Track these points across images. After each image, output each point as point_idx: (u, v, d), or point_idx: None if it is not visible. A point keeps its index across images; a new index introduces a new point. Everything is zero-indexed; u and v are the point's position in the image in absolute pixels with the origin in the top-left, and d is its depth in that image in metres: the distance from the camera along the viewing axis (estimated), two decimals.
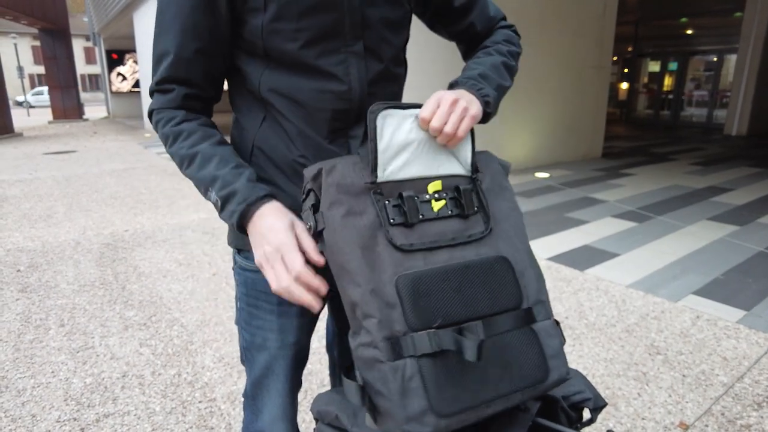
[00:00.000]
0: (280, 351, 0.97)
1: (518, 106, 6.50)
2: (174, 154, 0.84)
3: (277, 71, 0.83)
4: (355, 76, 0.85)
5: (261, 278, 0.94)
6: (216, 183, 0.79)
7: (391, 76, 0.92)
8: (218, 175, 0.80)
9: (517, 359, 0.74)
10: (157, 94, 0.86)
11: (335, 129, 0.86)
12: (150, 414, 1.86)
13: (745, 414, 1.83)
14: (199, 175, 0.81)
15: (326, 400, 0.88)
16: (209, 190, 0.80)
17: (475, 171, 0.83)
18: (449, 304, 0.72)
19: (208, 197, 0.81)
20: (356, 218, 0.73)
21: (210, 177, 0.80)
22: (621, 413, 1.85)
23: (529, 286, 0.79)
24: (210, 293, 2.92)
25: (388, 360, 0.68)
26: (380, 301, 0.70)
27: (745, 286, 2.93)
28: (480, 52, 0.97)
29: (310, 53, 0.81)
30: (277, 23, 0.79)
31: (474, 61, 0.94)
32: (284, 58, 0.82)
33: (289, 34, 0.80)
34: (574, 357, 2.23)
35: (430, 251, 0.74)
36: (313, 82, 0.83)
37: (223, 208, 0.79)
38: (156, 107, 0.87)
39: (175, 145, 0.84)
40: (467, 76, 0.87)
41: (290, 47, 0.80)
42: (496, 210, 0.83)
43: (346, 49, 0.84)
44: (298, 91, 0.83)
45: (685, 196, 5.16)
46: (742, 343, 2.31)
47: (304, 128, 0.85)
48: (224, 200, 0.78)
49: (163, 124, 0.85)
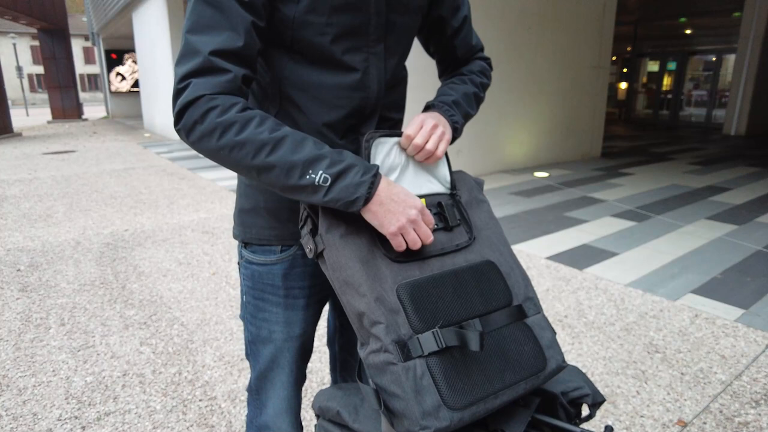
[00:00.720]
0: (285, 343, 0.99)
1: (518, 106, 6.51)
2: (246, 141, 0.73)
3: (300, 64, 0.85)
4: (375, 75, 0.88)
5: (267, 271, 0.95)
6: (322, 161, 0.74)
7: (401, 79, 0.98)
8: (322, 153, 0.75)
9: (516, 351, 0.78)
10: (204, 77, 0.73)
11: (349, 126, 0.89)
12: (151, 412, 1.86)
13: (743, 411, 1.84)
14: (294, 158, 0.73)
15: (327, 397, 0.88)
16: (309, 171, 0.73)
17: (454, 188, 0.93)
18: (447, 306, 0.77)
19: (305, 181, 0.74)
20: (354, 237, 0.79)
21: (312, 157, 0.74)
22: (620, 411, 1.86)
23: (517, 285, 0.86)
24: (210, 292, 2.93)
25: (400, 361, 0.71)
26: (385, 308, 0.74)
27: (744, 285, 2.94)
28: (456, 77, 1.05)
29: (337, 48, 0.83)
30: (309, 15, 0.80)
31: (449, 86, 1.02)
32: (310, 51, 0.83)
33: (320, 28, 0.81)
34: (573, 355, 2.24)
35: (424, 261, 0.81)
36: (336, 77, 0.85)
37: (335, 184, 0.74)
38: (208, 92, 0.72)
39: (246, 131, 0.72)
40: (442, 101, 0.96)
41: (320, 40, 0.82)
42: (477, 220, 0.92)
43: (369, 49, 0.86)
44: (319, 85, 0.85)
45: (684, 196, 5.17)
46: (740, 342, 2.32)
47: (318, 124, 0.87)
48: (337, 176, 0.74)
49: (221, 111, 0.72)
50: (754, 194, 5.21)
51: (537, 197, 5.17)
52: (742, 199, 4.99)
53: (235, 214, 0.99)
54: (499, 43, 6.09)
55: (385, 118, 0.94)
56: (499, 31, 6.04)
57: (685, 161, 7.33)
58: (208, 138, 0.73)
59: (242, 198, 0.96)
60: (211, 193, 5.67)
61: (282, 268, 0.95)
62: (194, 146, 0.75)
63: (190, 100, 0.72)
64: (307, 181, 0.74)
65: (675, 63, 13.26)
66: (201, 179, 6.47)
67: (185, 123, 0.73)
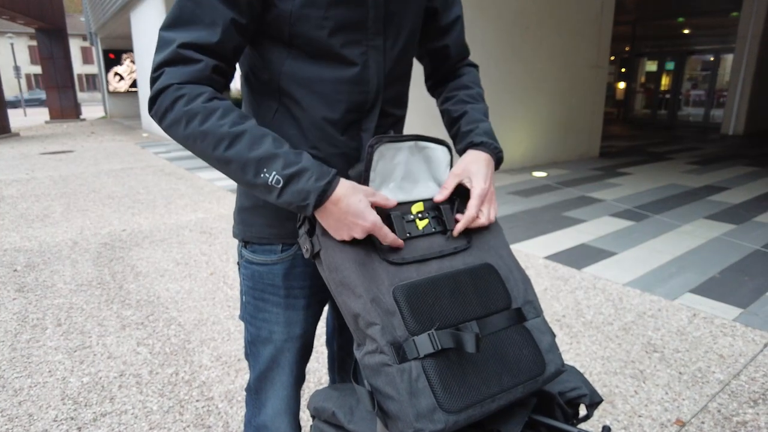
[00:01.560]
0: (286, 344, 0.98)
1: (516, 106, 6.51)
2: (207, 132, 0.74)
3: (299, 59, 0.84)
4: (374, 69, 0.87)
5: (268, 271, 0.95)
6: (276, 161, 0.74)
7: (404, 74, 0.96)
8: (278, 153, 0.74)
9: (514, 355, 0.77)
10: (175, 67, 0.75)
11: (349, 121, 0.88)
12: (147, 413, 1.86)
13: (741, 411, 1.84)
14: (249, 155, 0.73)
15: (323, 397, 0.88)
16: (263, 170, 0.74)
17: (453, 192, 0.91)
18: (444, 309, 0.77)
19: (258, 179, 0.74)
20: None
21: (267, 155, 0.74)
22: (618, 411, 1.86)
23: (516, 288, 0.85)
24: (207, 292, 2.92)
25: (395, 363, 0.71)
26: (381, 309, 0.74)
27: (742, 284, 2.94)
28: (465, 94, 1.03)
29: (335, 42, 0.82)
30: (306, 9, 0.79)
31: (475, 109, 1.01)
32: (308, 46, 0.82)
33: (317, 22, 0.80)
34: (571, 355, 2.24)
35: (421, 263, 0.81)
36: (335, 71, 0.84)
37: (287, 187, 0.74)
38: (176, 81, 0.74)
39: (208, 123, 0.73)
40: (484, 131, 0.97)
41: (318, 34, 0.81)
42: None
43: (368, 42, 0.85)
44: (318, 80, 0.84)
45: (682, 195, 5.18)
46: (738, 341, 2.32)
47: (318, 119, 0.86)
48: (290, 178, 0.74)
49: (188, 100, 0.74)
50: (752, 194, 5.21)
51: (535, 197, 5.17)
52: (740, 199, 4.99)
53: (235, 212, 0.98)
54: (497, 43, 6.08)
55: (386, 113, 0.92)
56: (497, 31, 6.04)
57: (684, 161, 7.34)
58: (176, 126, 0.75)
59: (242, 196, 0.96)
60: (209, 193, 5.66)
61: (283, 268, 0.95)
62: (167, 132, 0.77)
63: (161, 88, 0.75)
64: (261, 180, 0.74)
65: (673, 63, 13.27)
66: (199, 179, 6.46)
67: (157, 109, 0.76)
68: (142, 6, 11.66)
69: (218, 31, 0.76)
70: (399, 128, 0.99)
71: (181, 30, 0.75)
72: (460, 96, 1.03)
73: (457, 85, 1.05)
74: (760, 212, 4.49)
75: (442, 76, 1.08)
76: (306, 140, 0.87)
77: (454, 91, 1.04)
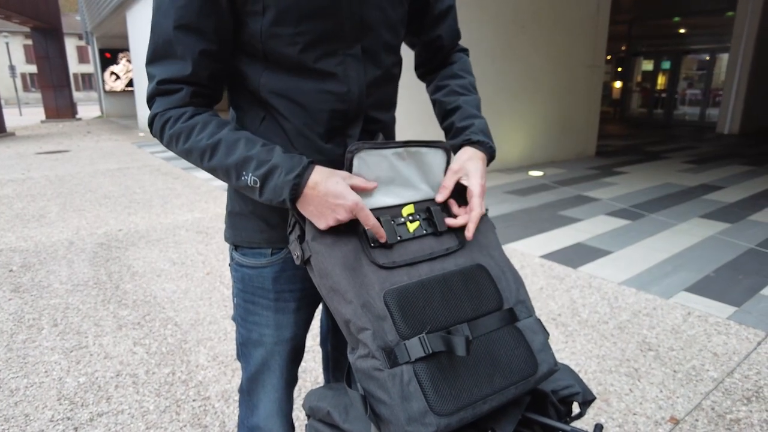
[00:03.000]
0: (276, 347, 0.98)
1: (513, 105, 6.52)
2: (191, 149, 0.80)
3: (276, 73, 0.84)
4: (354, 78, 0.86)
5: (257, 275, 0.95)
6: (250, 163, 0.77)
7: (389, 76, 0.94)
8: (250, 155, 0.78)
9: (506, 356, 0.77)
10: (160, 98, 0.82)
11: (333, 128, 0.88)
12: (144, 413, 1.86)
13: (735, 408, 1.85)
14: (228, 161, 0.78)
15: (318, 397, 0.88)
16: (242, 174, 0.78)
17: None
18: (435, 312, 0.77)
19: (241, 182, 0.78)
20: (340, 244, 0.79)
21: (241, 159, 0.78)
22: (613, 409, 1.87)
23: (508, 289, 0.85)
24: (204, 292, 2.92)
25: (386, 367, 0.71)
26: (371, 315, 0.74)
27: (736, 283, 2.96)
28: (457, 84, 1.02)
29: (309, 56, 0.82)
30: (276, 27, 0.79)
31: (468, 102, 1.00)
32: (284, 61, 0.83)
33: (289, 39, 0.80)
34: (566, 353, 2.25)
35: (412, 266, 0.81)
36: (313, 83, 0.84)
37: (264, 186, 0.77)
38: (161, 109, 0.82)
39: (190, 140, 0.80)
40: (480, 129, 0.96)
41: (289, 51, 0.81)
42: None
43: (345, 51, 0.85)
44: (298, 92, 0.84)
45: (678, 194, 5.20)
46: (732, 339, 2.34)
47: (303, 128, 0.86)
48: (264, 177, 0.77)
49: (173, 123, 0.81)
50: (746, 192, 5.24)
51: (532, 196, 5.18)
52: (735, 198, 5.02)
53: (226, 216, 0.98)
54: (494, 42, 6.09)
55: (371, 119, 0.92)
56: (494, 29, 6.05)
57: (679, 160, 7.36)
58: (171, 145, 0.83)
59: (232, 201, 0.96)
60: (205, 192, 5.65)
61: (272, 272, 0.95)
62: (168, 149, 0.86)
63: (152, 116, 0.83)
64: (242, 182, 0.79)
65: (669, 62, 13.31)
66: (195, 179, 6.45)
67: (155, 133, 0.85)
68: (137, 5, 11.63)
69: (189, 64, 0.80)
70: (389, 131, 0.99)
71: (158, 66, 0.81)
72: (452, 86, 1.02)
73: (449, 74, 1.04)
74: (755, 211, 4.52)
75: (433, 64, 1.07)
76: (293, 148, 0.87)
77: (446, 80, 1.03)
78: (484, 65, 6.04)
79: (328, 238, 0.79)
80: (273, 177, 0.77)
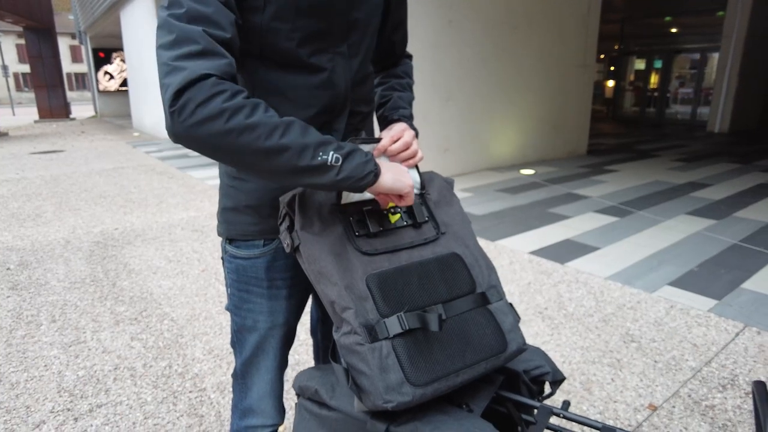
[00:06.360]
0: (270, 331, 1.05)
1: (504, 104, 6.60)
2: (258, 123, 0.74)
3: (271, 69, 0.90)
4: (341, 74, 0.94)
5: (251, 265, 1.01)
6: (330, 144, 0.80)
7: (368, 74, 1.03)
8: (328, 138, 0.80)
9: (477, 334, 0.85)
10: (206, 58, 0.72)
11: (321, 122, 0.95)
12: (142, 404, 1.92)
13: (710, 396, 1.93)
14: (305, 140, 0.77)
15: (307, 377, 0.95)
16: (320, 152, 0.78)
17: (423, 188, 1.01)
18: (413, 294, 0.85)
19: (316, 161, 0.78)
20: (327, 233, 0.87)
21: (321, 140, 0.79)
22: (594, 397, 1.95)
23: (481, 275, 0.93)
24: (199, 289, 2.98)
25: (367, 342, 0.78)
26: (354, 295, 0.82)
27: (718, 277, 3.04)
28: (396, 82, 1.15)
29: (304, 51, 0.89)
30: (275, 22, 0.85)
31: (400, 96, 1.12)
32: (278, 56, 0.88)
33: (286, 33, 0.86)
34: (552, 345, 2.32)
35: (393, 253, 0.89)
36: (305, 78, 0.91)
37: (345, 163, 0.80)
38: (213, 72, 0.72)
39: (256, 115, 0.74)
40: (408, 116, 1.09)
41: (287, 45, 0.87)
42: (445, 217, 0.99)
43: (334, 49, 0.92)
44: (290, 87, 0.91)
45: (666, 192, 5.29)
46: (711, 331, 2.42)
47: None
48: (347, 155, 0.80)
49: (231, 95, 0.73)
50: (733, 190, 5.34)
51: (522, 194, 5.26)
52: (722, 195, 5.12)
53: (219, 213, 1.05)
54: (486, 42, 6.17)
55: (355, 112, 1.00)
56: (485, 29, 6.12)
57: (669, 158, 7.47)
58: (213, 121, 0.71)
59: (225, 198, 1.02)
60: (200, 191, 5.69)
61: (265, 261, 1.01)
62: (190, 129, 0.71)
63: (192, 79, 0.70)
64: (319, 161, 0.77)
65: (661, 61, 13.44)
66: (191, 178, 6.49)
67: (185, 104, 0.70)
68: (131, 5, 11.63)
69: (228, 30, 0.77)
70: (368, 123, 1.08)
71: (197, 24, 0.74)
72: (391, 83, 1.14)
73: (393, 74, 1.16)
74: (740, 208, 4.62)
75: (382, 65, 1.18)
76: None
77: (388, 78, 1.16)
78: (476, 65, 6.12)
79: (316, 228, 0.86)
80: (355, 156, 0.81)
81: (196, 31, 0.73)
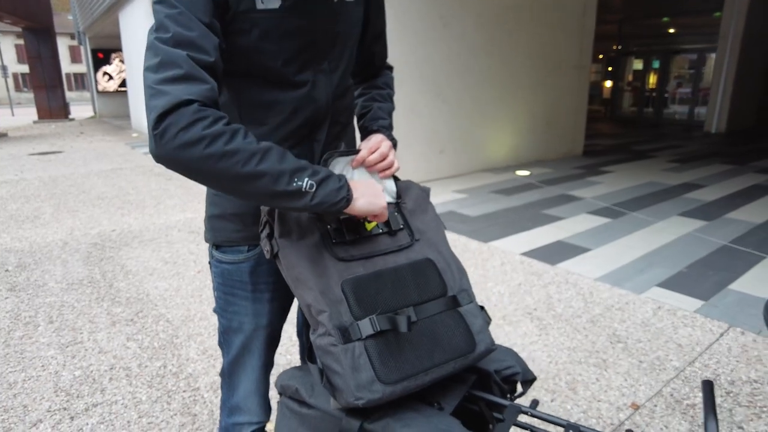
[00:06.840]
0: (254, 332, 1.10)
1: (499, 105, 6.65)
2: (237, 150, 0.76)
3: (256, 86, 0.94)
4: (322, 88, 0.98)
5: (236, 269, 1.06)
6: (306, 171, 0.82)
7: (348, 86, 1.08)
8: (304, 165, 0.83)
9: (447, 335, 0.90)
10: (188, 83, 0.75)
11: (303, 134, 1.00)
12: (137, 403, 1.96)
13: (692, 395, 1.98)
14: (282, 166, 0.80)
15: (288, 376, 1.00)
16: (295, 179, 0.81)
17: (399, 197, 1.04)
18: (386, 298, 0.90)
19: (291, 186, 0.81)
20: (304, 240, 0.91)
21: (297, 166, 0.82)
22: (579, 396, 1.99)
23: (452, 279, 0.98)
24: (195, 290, 3.03)
25: (340, 343, 0.83)
26: (329, 299, 0.86)
27: (706, 278, 3.09)
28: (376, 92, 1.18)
29: (290, 69, 0.93)
30: (261, 43, 0.89)
31: (380, 107, 1.15)
32: (264, 74, 0.93)
33: (272, 54, 0.91)
34: (539, 345, 2.37)
35: (368, 259, 0.94)
36: (289, 93, 0.95)
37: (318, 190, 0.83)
38: (195, 97, 0.74)
39: (235, 141, 0.76)
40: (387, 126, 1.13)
41: (273, 64, 0.92)
42: (420, 224, 1.03)
43: (316, 66, 0.97)
44: (274, 102, 0.95)
45: (660, 193, 5.34)
46: (696, 331, 2.47)
47: (275, 136, 0.97)
48: (320, 182, 0.83)
49: (211, 122, 0.75)
50: (726, 191, 5.38)
51: (517, 195, 5.31)
52: (715, 196, 5.16)
53: (206, 220, 1.09)
54: (481, 42, 6.21)
55: (335, 122, 1.05)
56: (480, 30, 6.17)
57: (665, 159, 7.51)
58: (193, 146, 0.73)
59: (211, 206, 1.07)
60: (197, 193, 5.74)
61: (249, 266, 1.06)
62: (171, 152, 0.74)
63: (175, 104, 0.73)
64: (294, 187, 0.81)
65: (659, 61, 13.48)
66: (187, 180, 6.52)
67: (166, 128, 0.73)
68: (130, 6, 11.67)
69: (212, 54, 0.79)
70: (348, 132, 1.12)
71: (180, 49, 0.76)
72: (372, 94, 1.18)
73: (373, 84, 1.20)
74: (731, 209, 4.66)
75: (363, 76, 1.22)
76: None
77: (369, 89, 1.19)
78: (470, 66, 6.16)
79: (294, 235, 0.90)
80: (329, 182, 0.84)
81: (180, 56, 0.75)
